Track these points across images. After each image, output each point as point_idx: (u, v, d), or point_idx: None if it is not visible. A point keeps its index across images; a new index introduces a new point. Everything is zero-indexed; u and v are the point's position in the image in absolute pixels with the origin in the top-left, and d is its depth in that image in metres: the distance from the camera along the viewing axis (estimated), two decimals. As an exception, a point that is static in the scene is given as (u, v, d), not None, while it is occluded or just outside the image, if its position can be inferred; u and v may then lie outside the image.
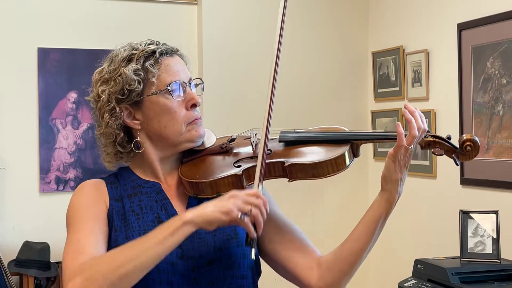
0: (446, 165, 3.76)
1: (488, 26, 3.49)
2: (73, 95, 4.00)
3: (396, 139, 1.49)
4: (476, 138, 1.53)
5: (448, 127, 3.75)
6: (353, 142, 1.56)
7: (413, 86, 4.05)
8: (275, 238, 1.62)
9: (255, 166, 1.50)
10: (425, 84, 3.94)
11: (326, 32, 4.43)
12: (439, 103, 3.86)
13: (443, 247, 3.67)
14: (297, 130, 1.63)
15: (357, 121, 4.52)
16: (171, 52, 1.59)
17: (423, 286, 2.96)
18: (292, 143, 1.59)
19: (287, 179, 1.54)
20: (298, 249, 1.61)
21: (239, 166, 1.54)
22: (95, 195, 1.56)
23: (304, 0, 4.40)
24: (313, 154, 1.54)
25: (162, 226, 1.41)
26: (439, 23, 3.86)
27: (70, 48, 4.00)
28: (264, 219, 1.42)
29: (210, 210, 1.40)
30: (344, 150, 1.53)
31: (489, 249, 3.04)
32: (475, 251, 3.06)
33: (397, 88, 4.19)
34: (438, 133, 1.65)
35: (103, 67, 1.59)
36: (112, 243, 1.51)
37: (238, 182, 1.52)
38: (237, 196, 1.41)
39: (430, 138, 1.53)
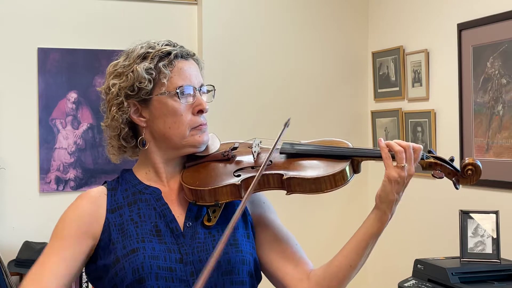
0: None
1: (488, 26, 3.49)
2: (73, 95, 4.00)
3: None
4: (478, 163, 1.51)
5: (448, 127, 3.75)
6: (354, 158, 1.55)
7: (413, 86, 4.05)
8: (269, 246, 1.62)
9: (254, 177, 1.49)
10: (425, 84, 3.94)
11: (326, 32, 4.43)
12: (439, 103, 3.86)
13: (443, 247, 3.67)
14: (301, 142, 1.63)
15: (357, 121, 4.52)
16: (186, 55, 1.60)
17: (423, 286, 2.96)
18: (293, 155, 1.59)
19: (285, 192, 1.54)
20: (291, 260, 1.60)
21: (239, 175, 1.55)
22: (89, 211, 1.55)
23: (304, 0, 4.40)
24: (313, 169, 1.54)
25: None
26: (439, 23, 3.86)
27: (70, 48, 3.99)
28: None
29: None
30: (344, 166, 1.52)
31: (489, 249, 3.04)
32: (475, 251, 3.06)
33: (397, 88, 4.18)
34: (438, 133, 1.65)
35: (118, 61, 1.61)
36: (109, 255, 1.51)
37: (236, 191, 1.53)
38: None
39: (432, 160, 1.52)
